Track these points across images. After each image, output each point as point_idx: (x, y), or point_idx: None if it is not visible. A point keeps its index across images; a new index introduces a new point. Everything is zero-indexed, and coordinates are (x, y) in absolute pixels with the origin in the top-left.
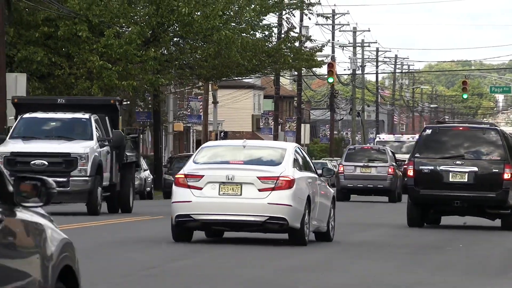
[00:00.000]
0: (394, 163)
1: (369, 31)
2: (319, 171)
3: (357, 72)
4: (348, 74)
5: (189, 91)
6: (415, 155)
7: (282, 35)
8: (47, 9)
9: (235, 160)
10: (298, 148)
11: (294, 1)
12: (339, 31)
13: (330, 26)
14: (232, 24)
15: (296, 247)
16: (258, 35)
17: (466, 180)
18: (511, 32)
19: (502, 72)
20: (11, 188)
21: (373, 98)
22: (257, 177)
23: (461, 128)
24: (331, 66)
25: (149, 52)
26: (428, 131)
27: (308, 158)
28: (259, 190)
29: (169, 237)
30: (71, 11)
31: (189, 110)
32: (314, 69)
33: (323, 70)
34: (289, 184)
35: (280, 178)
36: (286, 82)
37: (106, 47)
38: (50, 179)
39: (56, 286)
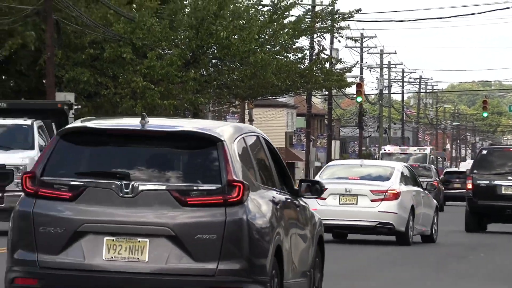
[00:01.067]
0: (437, 178)
1: (395, 53)
2: (424, 186)
3: (384, 92)
4: (376, 94)
5: (227, 109)
6: (473, 171)
7: (314, 57)
8: (94, 33)
9: (352, 176)
10: (406, 167)
11: (325, 25)
12: (367, 53)
13: (359, 49)
14: (267, 47)
15: (402, 247)
16: (291, 57)
17: None
18: None
19: None
20: (295, 187)
21: (399, 116)
22: (370, 190)
23: (511, 149)
24: (359, 86)
25: (189, 73)
26: (484, 152)
27: (415, 175)
28: (371, 200)
29: None
30: (116, 35)
31: None
32: (343, 89)
33: (352, 90)
34: (396, 196)
35: (388, 191)
36: (318, 101)
37: (149, 68)
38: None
39: (316, 248)
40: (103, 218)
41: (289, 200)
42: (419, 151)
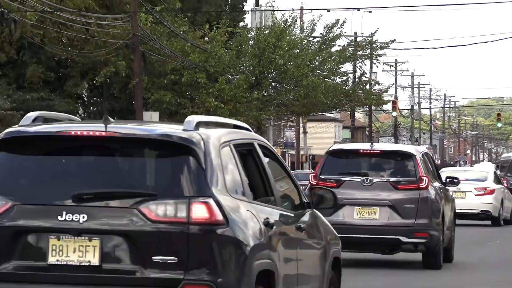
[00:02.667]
0: None
1: (423, 75)
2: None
3: (415, 107)
4: (408, 109)
5: (285, 123)
6: (507, 174)
7: (356, 80)
8: (174, 62)
9: (463, 179)
10: (495, 171)
11: (365, 53)
12: (401, 75)
13: (394, 72)
14: (317, 71)
15: (496, 227)
16: (337, 80)
17: None
18: None
19: None
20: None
21: (427, 127)
22: (474, 187)
23: None
24: (394, 103)
25: (253, 94)
26: None
27: (498, 176)
28: (475, 195)
29: None
30: (192, 63)
31: (284, 139)
32: (381, 105)
33: (388, 106)
34: (492, 192)
35: (487, 188)
36: (360, 116)
37: (219, 91)
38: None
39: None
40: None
41: None
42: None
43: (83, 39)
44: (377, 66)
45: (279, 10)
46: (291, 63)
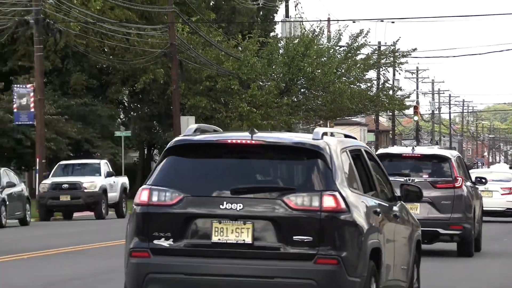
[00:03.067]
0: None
1: (443, 82)
2: None
3: (435, 112)
4: (429, 114)
5: (313, 127)
6: None
7: (380, 86)
8: (209, 69)
9: (490, 179)
10: None
11: (388, 61)
12: (422, 82)
13: (415, 79)
14: (343, 78)
15: None
16: (362, 86)
17: None
18: None
19: None
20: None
21: (447, 131)
22: (500, 187)
23: None
24: (416, 108)
25: (283, 100)
26: None
27: None
28: (501, 194)
29: None
30: (226, 71)
31: None
32: (403, 110)
33: (410, 111)
34: None
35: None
36: (383, 120)
37: (252, 96)
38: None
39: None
40: None
41: None
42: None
43: (124, 48)
44: (399, 73)
45: (307, 21)
46: (319, 71)
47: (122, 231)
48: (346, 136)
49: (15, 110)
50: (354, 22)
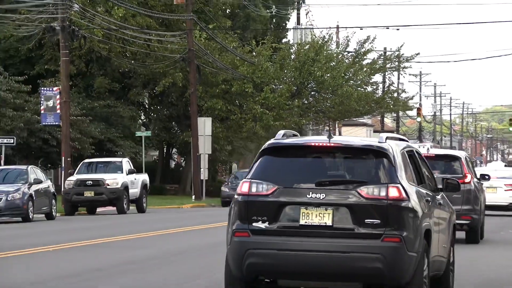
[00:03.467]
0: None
1: (445, 85)
2: None
3: (437, 113)
4: (431, 115)
5: (322, 128)
6: None
7: (385, 89)
8: (225, 73)
9: (494, 177)
10: None
11: (393, 66)
12: (425, 85)
13: (418, 82)
14: (351, 81)
15: None
16: (368, 89)
17: None
18: None
19: None
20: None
21: (448, 131)
22: (504, 184)
23: None
24: (419, 110)
25: (294, 102)
26: None
27: None
28: (505, 190)
29: None
30: (241, 75)
31: None
32: (407, 112)
33: (413, 112)
34: None
35: None
36: (388, 121)
37: (265, 99)
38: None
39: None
40: None
41: None
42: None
43: (145, 54)
44: (403, 77)
45: (317, 28)
46: (328, 75)
47: (142, 225)
48: (400, 139)
49: (42, 112)
50: (362, 29)
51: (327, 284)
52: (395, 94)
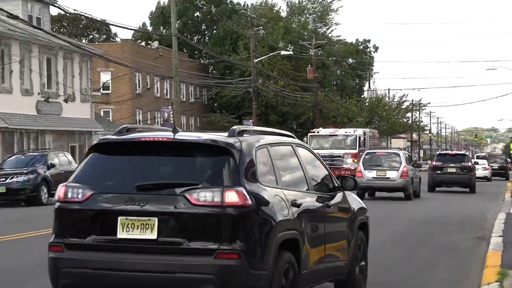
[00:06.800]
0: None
1: (443, 118)
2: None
3: (438, 132)
4: (436, 133)
5: (380, 140)
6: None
7: (413, 119)
8: (333, 113)
9: (479, 164)
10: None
11: (416, 108)
12: (432, 117)
13: (429, 116)
14: (396, 116)
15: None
16: (404, 120)
17: None
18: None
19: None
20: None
21: (444, 140)
22: (482, 167)
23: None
24: (430, 130)
25: (367, 127)
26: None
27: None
28: (481, 170)
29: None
30: (342, 114)
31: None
32: (423, 131)
33: (427, 132)
34: (487, 169)
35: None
36: (414, 136)
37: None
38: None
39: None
40: None
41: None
42: (348, 133)
43: (294, 103)
44: (422, 113)
45: (379, 90)
46: (384, 113)
47: None
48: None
49: None
50: (401, 90)
51: None
52: (418, 122)
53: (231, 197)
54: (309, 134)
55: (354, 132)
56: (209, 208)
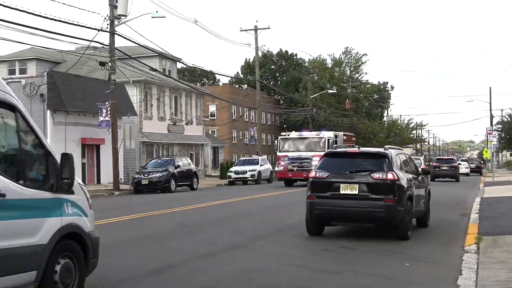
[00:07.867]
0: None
1: (436, 133)
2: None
3: (434, 143)
4: (432, 143)
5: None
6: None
7: (417, 135)
8: (362, 129)
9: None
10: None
11: (419, 127)
12: (428, 134)
13: (427, 132)
14: (406, 133)
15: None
16: (410, 135)
17: None
18: None
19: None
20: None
21: (437, 149)
22: (464, 166)
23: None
24: (428, 142)
25: (386, 141)
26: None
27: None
28: (465, 168)
29: None
30: (370, 133)
31: None
32: (424, 142)
33: (425, 143)
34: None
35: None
36: (418, 145)
37: (376, 141)
38: None
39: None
40: None
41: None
42: (317, 136)
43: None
44: (422, 130)
45: (394, 115)
46: (398, 131)
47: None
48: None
49: None
50: (409, 115)
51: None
52: (421, 137)
53: (389, 176)
54: (279, 137)
55: (323, 135)
56: (380, 181)
